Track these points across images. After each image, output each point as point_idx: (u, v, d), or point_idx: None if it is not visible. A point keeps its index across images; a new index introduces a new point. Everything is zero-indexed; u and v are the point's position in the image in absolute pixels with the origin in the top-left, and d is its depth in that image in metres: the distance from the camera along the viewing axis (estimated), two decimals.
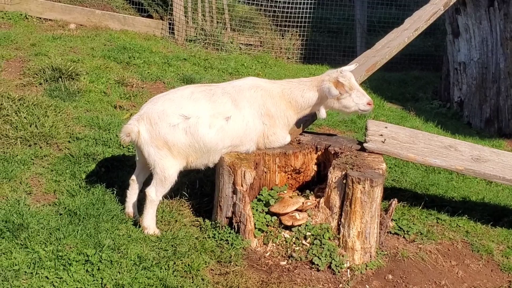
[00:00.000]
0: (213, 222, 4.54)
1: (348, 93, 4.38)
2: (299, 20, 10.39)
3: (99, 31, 9.33)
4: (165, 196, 4.57)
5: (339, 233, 4.43)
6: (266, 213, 4.51)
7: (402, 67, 11.08)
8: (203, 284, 3.99)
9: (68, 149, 5.47)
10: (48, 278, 3.79)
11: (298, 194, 4.76)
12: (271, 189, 4.67)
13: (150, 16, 10.29)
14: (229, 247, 4.33)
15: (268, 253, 4.40)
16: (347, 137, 5.53)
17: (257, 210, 4.50)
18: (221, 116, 4.33)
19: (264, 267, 4.29)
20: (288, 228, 4.46)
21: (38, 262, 3.89)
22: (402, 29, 6.12)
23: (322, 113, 4.52)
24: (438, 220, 5.21)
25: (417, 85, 10.38)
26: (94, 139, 5.68)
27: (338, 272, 4.31)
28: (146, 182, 4.56)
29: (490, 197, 5.78)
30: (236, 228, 4.42)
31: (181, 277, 4.00)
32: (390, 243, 4.77)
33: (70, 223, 4.32)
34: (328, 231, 4.42)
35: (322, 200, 4.50)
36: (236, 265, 4.20)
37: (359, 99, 4.39)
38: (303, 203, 4.52)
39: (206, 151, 4.34)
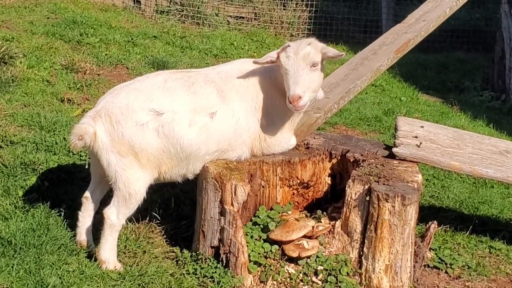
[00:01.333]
0: (193, 253, 4.53)
1: (282, 67, 4.30)
2: None
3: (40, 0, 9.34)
4: (129, 219, 4.56)
5: (360, 267, 4.43)
6: (265, 240, 4.50)
7: (442, 46, 11.13)
8: None
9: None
10: None
11: (306, 216, 4.75)
12: (271, 209, 4.67)
13: None
14: (215, 287, 4.32)
15: None
16: (370, 139, 5.54)
17: (252, 237, 4.49)
18: (204, 111, 4.34)
19: None
20: (293, 260, 4.46)
21: None
22: None
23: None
24: (491, 250, 5.22)
25: (461, 71, 10.44)
26: (34, 144, 5.66)
27: None
28: (105, 200, 4.55)
29: None
30: (224, 261, 4.41)
31: None
32: (428, 279, 4.78)
33: (2, 255, 4.29)
34: (346, 264, 4.42)
35: (338, 223, 4.50)
36: None
37: (288, 84, 4.26)
38: (313, 227, 4.51)
39: (185, 157, 4.34)
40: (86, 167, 4.53)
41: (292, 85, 4.25)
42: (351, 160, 4.77)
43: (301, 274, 4.42)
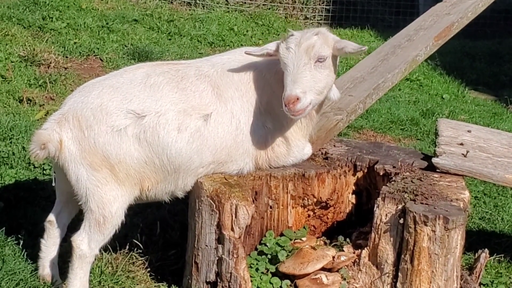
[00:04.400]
0: None
1: (281, 61, 4.30)
2: None
3: None
4: (104, 248, 4.56)
5: None
6: (273, 274, 4.49)
7: (495, 31, 11.12)
8: None
9: None
10: None
11: (325, 243, 4.75)
12: (281, 235, 4.66)
13: None
14: None
15: None
16: (405, 147, 5.52)
17: (257, 269, 4.49)
18: (196, 113, 4.34)
19: None
20: None
21: None
22: None
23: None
24: None
25: None
26: None
27: None
28: (73, 225, 4.55)
29: None
30: None
31: None
32: None
33: None
34: None
35: (364, 252, 4.49)
36: None
37: (286, 82, 4.26)
38: (333, 257, 4.50)
39: (173, 171, 4.35)
40: (53, 184, 4.52)
41: (289, 84, 4.22)
42: (381, 174, 4.76)
43: None
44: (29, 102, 6.67)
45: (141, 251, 4.87)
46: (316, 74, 4.26)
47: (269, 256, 4.54)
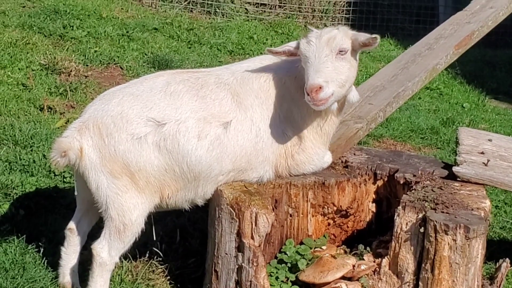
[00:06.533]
0: None
1: (302, 56, 4.33)
2: None
3: None
4: (124, 256, 4.57)
5: None
6: (293, 283, 4.48)
7: None
8: None
9: None
10: None
11: (345, 252, 4.74)
12: (301, 244, 4.66)
13: None
14: None
15: None
16: (425, 156, 5.50)
17: (277, 278, 4.48)
18: (216, 120, 4.35)
19: None
20: None
21: None
22: None
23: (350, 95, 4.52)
24: None
25: None
26: (7, 163, 5.70)
27: None
28: (94, 232, 4.56)
29: None
30: None
31: None
32: None
33: None
34: None
35: (385, 261, 4.48)
36: None
37: (308, 73, 4.25)
38: (353, 266, 4.49)
39: (193, 178, 4.35)
40: (75, 193, 4.53)
41: (312, 74, 4.21)
42: (401, 182, 4.74)
43: None
44: (49, 110, 6.70)
45: (161, 259, 4.88)
46: (338, 66, 4.27)
47: (289, 265, 4.53)
